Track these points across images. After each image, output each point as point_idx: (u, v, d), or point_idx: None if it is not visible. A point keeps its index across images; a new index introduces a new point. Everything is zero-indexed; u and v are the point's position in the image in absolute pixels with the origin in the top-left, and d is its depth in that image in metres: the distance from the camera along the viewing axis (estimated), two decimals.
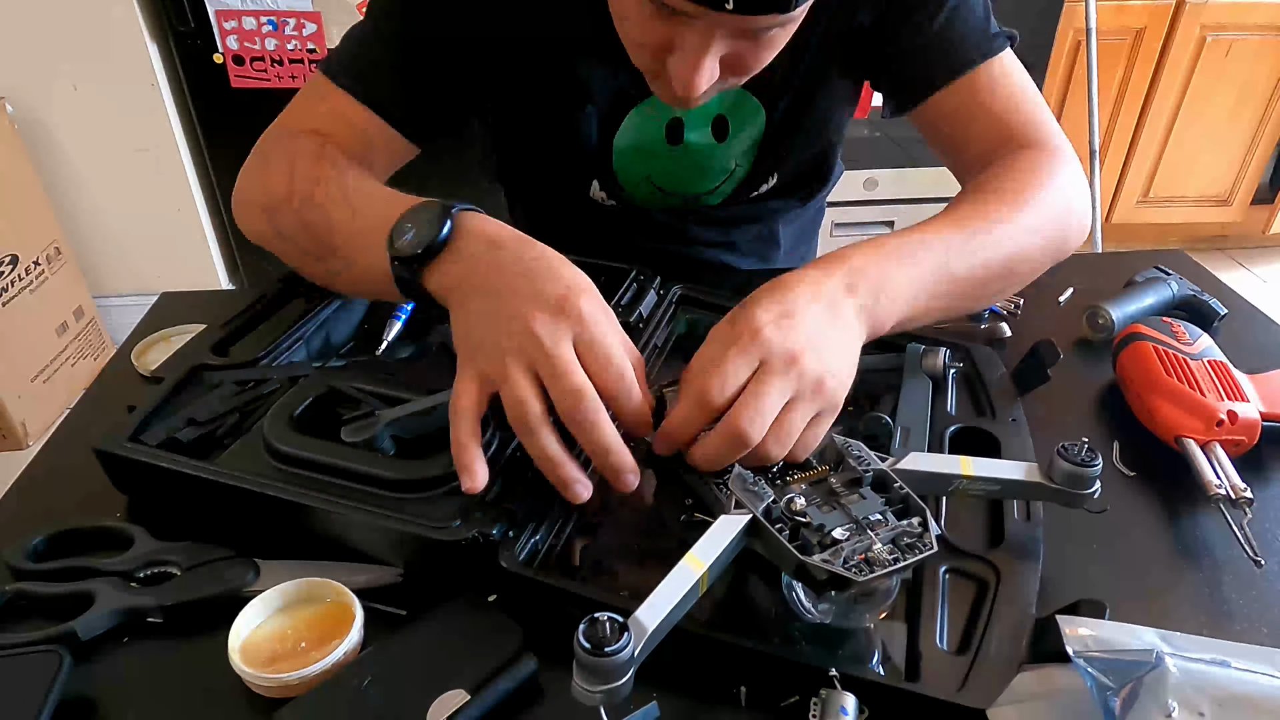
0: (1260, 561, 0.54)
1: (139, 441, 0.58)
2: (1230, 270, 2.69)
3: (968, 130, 0.74)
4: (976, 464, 0.54)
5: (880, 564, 0.45)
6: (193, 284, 2.29)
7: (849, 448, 0.52)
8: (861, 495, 0.50)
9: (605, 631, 0.40)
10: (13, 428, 1.93)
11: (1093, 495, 0.53)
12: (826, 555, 0.45)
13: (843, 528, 0.47)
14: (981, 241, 0.62)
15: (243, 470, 0.55)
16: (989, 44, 0.73)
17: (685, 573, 0.44)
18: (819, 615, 0.49)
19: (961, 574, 0.52)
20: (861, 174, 2.31)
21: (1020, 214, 0.65)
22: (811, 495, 0.50)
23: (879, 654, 0.49)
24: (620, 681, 0.40)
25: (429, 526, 0.51)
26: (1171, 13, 2.29)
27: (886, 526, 0.47)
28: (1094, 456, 0.52)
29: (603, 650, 0.39)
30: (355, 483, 0.54)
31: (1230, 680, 0.38)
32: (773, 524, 0.47)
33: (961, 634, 0.49)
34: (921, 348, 0.69)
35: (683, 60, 0.59)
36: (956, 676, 0.46)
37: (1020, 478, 0.54)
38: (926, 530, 0.47)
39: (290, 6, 1.93)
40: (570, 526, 0.56)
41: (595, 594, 0.49)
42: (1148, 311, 0.78)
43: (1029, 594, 0.50)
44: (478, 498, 0.52)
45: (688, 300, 0.78)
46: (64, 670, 0.46)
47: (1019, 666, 0.45)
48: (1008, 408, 0.65)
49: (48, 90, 2.01)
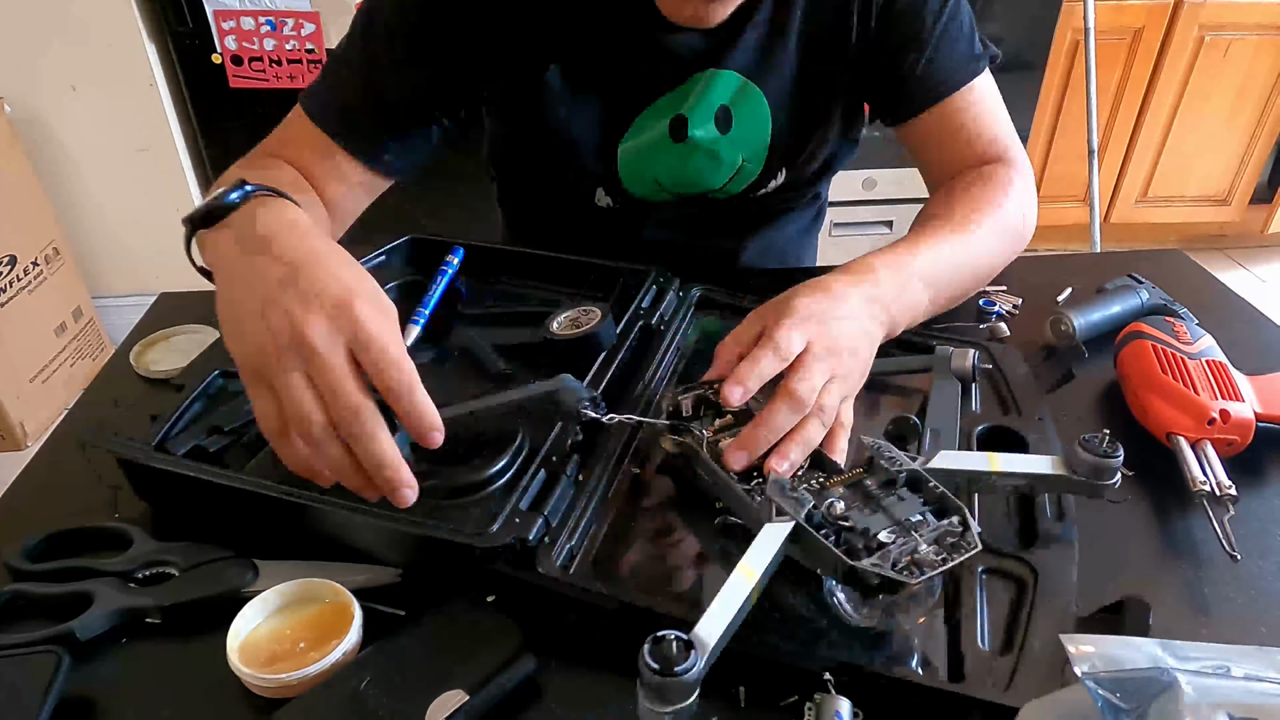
0: (1236, 556, 0.54)
1: (165, 451, 0.58)
2: (1229, 270, 2.69)
3: (943, 148, 0.81)
4: (1003, 460, 0.55)
5: (929, 565, 0.45)
6: (192, 284, 2.27)
7: (879, 449, 0.52)
8: (899, 496, 0.49)
9: (672, 650, 0.39)
10: (11, 428, 1.93)
11: (1114, 485, 0.54)
12: (875, 559, 0.45)
13: (887, 530, 0.47)
14: (968, 251, 0.72)
15: (273, 479, 0.54)
16: (973, 66, 0.79)
17: (740, 584, 0.44)
18: (862, 620, 0.49)
19: (999, 574, 0.53)
20: (861, 174, 2.31)
21: (992, 226, 0.74)
22: (850, 499, 0.50)
23: (919, 656, 0.49)
24: (689, 701, 0.40)
25: (467, 534, 0.50)
26: (1170, 12, 2.29)
27: (929, 527, 0.47)
28: (1115, 448, 0.53)
29: (672, 670, 0.39)
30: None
31: (1241, 692, 0.38)
32: (816, 530, 0.47)
33: (1004, 634, 0.49)
34: (951, 350, 0.69)
35: None
36: (1001, 677, 0.45)
37: (1046, 471, 0.55)
38: (968, 528, 0.47)
39: (289, 6, 1.92)
40: (604, 532, 0.56)
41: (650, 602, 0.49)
42: (1114, 320, 0.78)
43: (1068, 592, 0.50)
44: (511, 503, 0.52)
45: (706, 302, 0.78)
46: (63, 670, 0.46)
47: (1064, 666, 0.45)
48: (1033, 407, 0.66)
49: (47, 90, 2.01)
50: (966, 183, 0.77)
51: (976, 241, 0.72)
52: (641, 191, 0.86)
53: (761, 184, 0.88)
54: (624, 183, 0.85)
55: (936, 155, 0.83)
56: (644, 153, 0.83)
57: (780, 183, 0.88)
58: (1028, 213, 0.78)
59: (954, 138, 0.80)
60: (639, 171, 0.84)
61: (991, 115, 0.80)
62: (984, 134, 0.80)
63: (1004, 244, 0.76)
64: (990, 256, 0.75)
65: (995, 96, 0.81)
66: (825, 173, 0.92)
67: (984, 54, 0.80)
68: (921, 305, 0.67)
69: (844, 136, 0.88)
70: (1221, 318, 0.80)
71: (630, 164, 0.84)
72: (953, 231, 0.71)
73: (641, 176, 0.85)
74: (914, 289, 0.66)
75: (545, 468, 0.55)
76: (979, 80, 0.79)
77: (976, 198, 0.75)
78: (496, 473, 0.54)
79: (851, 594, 0.48)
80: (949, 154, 0.81)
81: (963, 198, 0.75)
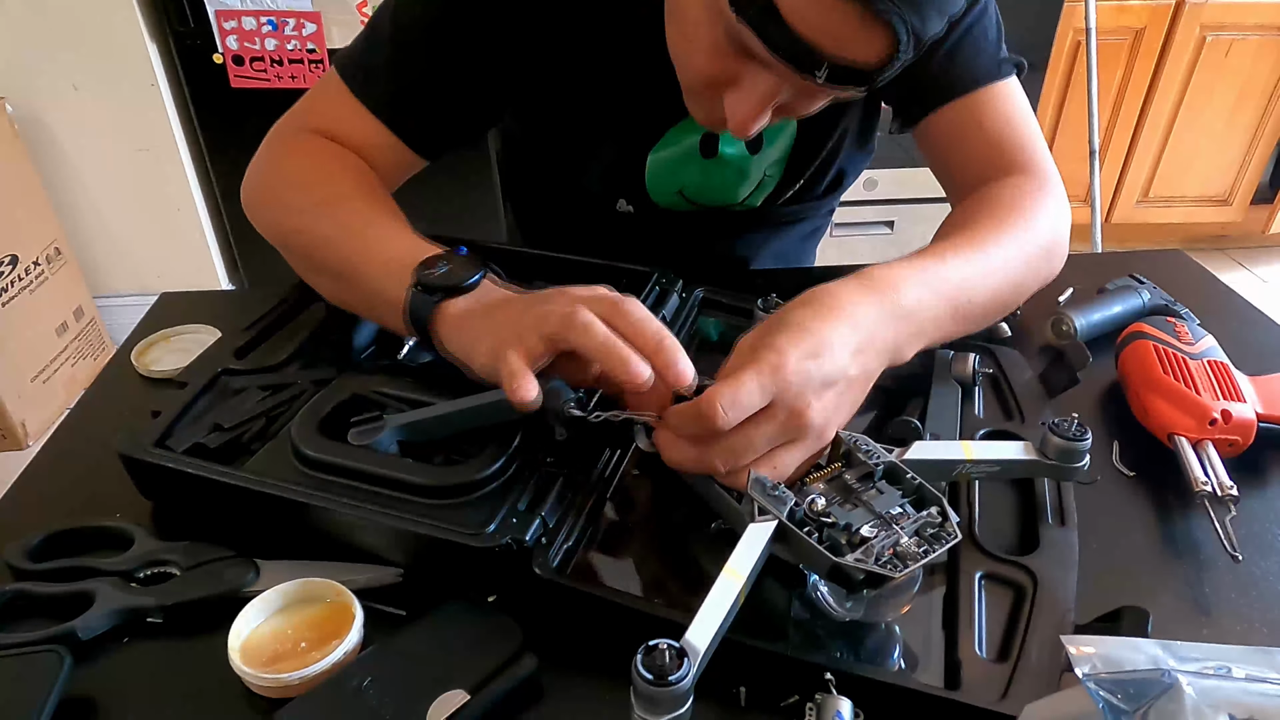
0: (1238, 556, 0.54)
1: (165, 447, 0.58)
2: (1230, 270, 2.69)
3: (963, 151, 0.76)
4: (977, 448, 0.55)
5: (911, 557, 0.45)
6: (192, 284, 2.29)
7: (856, 442, 0.52)
8: (878, 489, 0.50)
9: (665, 659, 0.39)
10: (12, 428, 1.93)
11: (1083, 468, 0.55)
12: (859, 554, 0.45)
13: (869, 525, 0.47)
14: (988, 274, 0.64)
15: (272, 476, 0.55)
16: (996, 68, 0.74)
17: (727, 586, 0.44)
18: (846, 613, 0.49)
19: (998, 580, 0.52)
20: (861, 174, 2.31)
21: (1016, 245, 0.67)
22: (830, 494, 0.50)
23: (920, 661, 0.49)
24: (684, 709, 0.40)
25: (464, 533, 0.50)
26: (1171, 12, 2.29)
27: (909, 519, 0.48)
28: (1084, 431, 0.54)
29: (666, 680, 0.38)
30: (386, 489, 0.54)
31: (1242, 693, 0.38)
32: (799, 527, 0.47)
33: (1001, 641, 0.49)
34: (951, 353, 0.68)
35: (744, 100, 0.59)
36: (998, 685, 0.45)
37: (1018, 457, 0.55)
38: (947, 518, 0.47)
39: (290, 6, 1.93)
40: (602, 532, 0.56)
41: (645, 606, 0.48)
42: (1115, 320, 0.78)
43: (1067, 600, 0.50)
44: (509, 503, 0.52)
45: (709, 304, 0.78)
46: (64, 670, 0.46)
47: (1060, 674, 0.45)
48: (1035, 411, 0.65)
49: (48, 90, 2.01)
50: (989, 195, 0.71)
51: (997, 260, 0.65)
52: (665, 201, 0.86)
53: (778, 195, 0.87)
54: (649, 192, 0.85)
55: (958, 156, 0.77)
56: (673, 164, 0.82)
57: (796, 190, 0.88)
58: (1059, 228, 0.72)
59: (973, 138, 0.75)
60: (665, 182, 0.84)
61: (1021, 121, 0.75)
62: (1006, 141, 0.74)
63: (1031, 263, 0.69)
64: (1014, 276, 0.67)
65: (1024, 105, 0.76)
66: (839, 183, 0.91)
67: (1009, 59, 0.75)
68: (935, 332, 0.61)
69: (858, 146, 0.87)
70: (1223, 318, 0.80)
71: (658, 174, 0.83)
72: (971, 249, 0.64)
73: (667, 187, 0.84)
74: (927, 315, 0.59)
75: (544, 468, 0.55)
76: (1006, 83, 0.74)
77: (999, 212, 0.69)
78: (496, 472, 0.54)
79: (834, 588, 0.48)
80: (969, 156, 0.75)
81: (985, 212, 0.69)
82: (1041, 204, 0.70)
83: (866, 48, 0.52)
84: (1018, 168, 0.73)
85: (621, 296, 0.54)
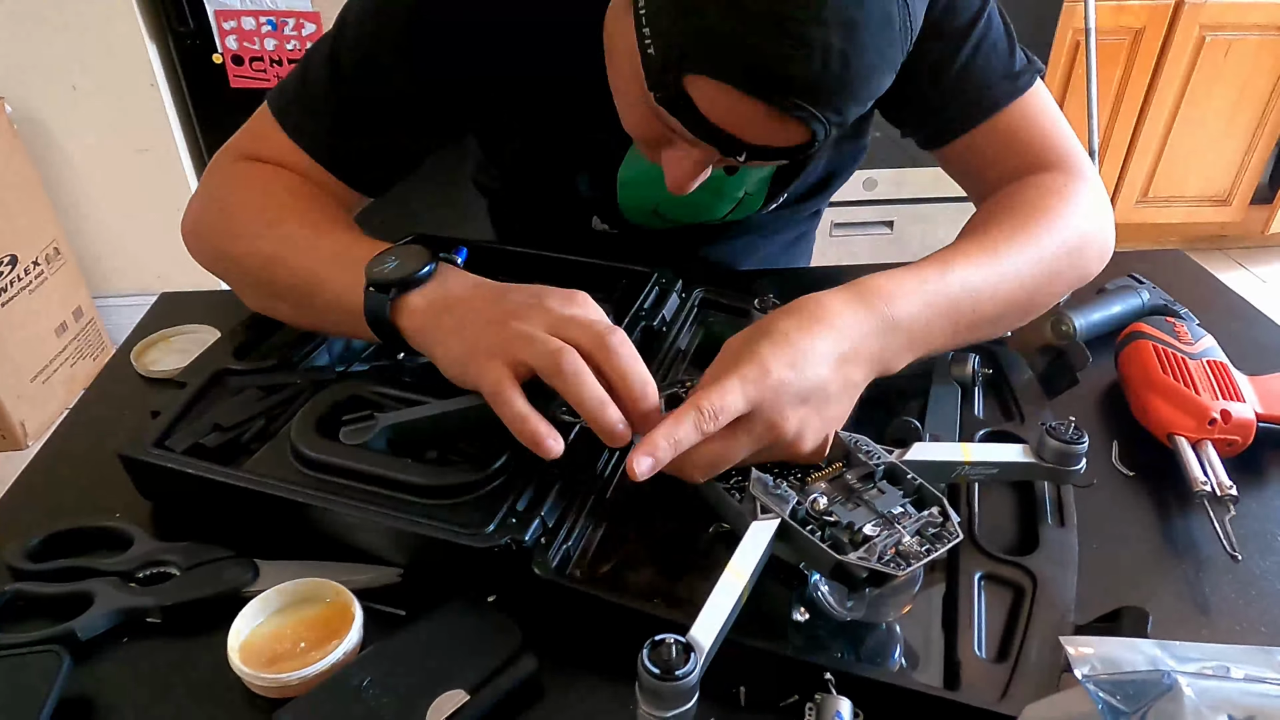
0: (1237, 556, 0.55)
1: (165, 448, 0.58)
2: (1230, 270, 2.69)
3: (989, 165, 0.72)
4: (975, 450, 0.56)
5: (913, 556, 0.45)
6: (192, 284, 2.27)
7: (856, 442, 0.53)
8: (880, 489, 0.50)
9: (671, 654, 0.39)
10: (12, 428, 1.93)
11: (1079, 471, 0.55)
12: (862, 553, 0.45)
13: (871, 524, 0.47)
14: (1000, 280, 0.61)
15: (272, 477, 0.55)
16: (1014, 83, 0.70)
17: (730, 585, 0.44)
18: (847, 613, 0.49)
19: (997, 580, 0.53)
20: (861, 174, 2.31)
21: (1035, 248, 0.63)
22: (832, 493, 0.50)
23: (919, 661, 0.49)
24: (690, 704, 0.40)
25: (463, 534, 0.50)
26: (1170, 12, 2.29)
27: (910, 518, 0.48)
28: (1080, 434, 0.54)
29: (673, 674, 0.39)
30: (385, 489, 0.54)
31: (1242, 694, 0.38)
32: (801, 526, 0.47)
33: (1000, 642, 0.49)
34: (950, 354, 0.68)
35: (678, 164, 0.58)
36: (997, 685, 0.45)
37: (1016, 459, 0.56)
38: (948, 518, 0.48)
39: (289, 6, 1.93)
40: (602, 532, 0.56)
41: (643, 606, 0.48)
42: (1115, 320, 0.78)
43: (1067, 600, 0.50)
44: (508, 503, 0.52)
45: (709, 304, 0.78)
46: (64, 670, 0.46)
47: (1059, 675, 0.45)
48: (1035, 411, 0.65)
49: (48, 90, 2.01)
50: (1011, 195, 0.68)
51: (1011, 266, 0.62)
52: (639, 219, 0.85)
53: (764, 207, 0.86)
54: (623, 211, 0.83)
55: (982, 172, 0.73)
56: (643, 183, 0.80)
57: (780, 202, 0.86)
58: (1092, 225, 0.67)
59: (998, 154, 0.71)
60: (638, 201, 0.82)
61: (1043, 124, 0.71)
62: (1036, 143, 0.70)
63: (1054, 266, 0.64)
64: (1032, 281, 0.63)
65: (1047, 108, 0.71)
66: (828, 185, 0.89)
67: (1027, 69, 0.70)
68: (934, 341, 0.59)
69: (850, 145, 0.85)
70: (1222, 318, 0.80)
71: (630, 194, 0.81)
72: (983, 255, 0.61)
73: (641, 205, 0.83)
74: (927, 324, 0.57)
75: (543, 468, 0.55)
76: (1029, 95, 0.70)
77: (1020, 213, 0.65)
78: (495, 472, 0.54)
79: (836, 587, 0.48)
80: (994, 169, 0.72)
81: (1003, 213, 0.66)
82: (1069, 201, 0.67)
83: (784, 137, 0.52)
84: (1046, 165, 0.70)
85: (610, 327, 0.52)
